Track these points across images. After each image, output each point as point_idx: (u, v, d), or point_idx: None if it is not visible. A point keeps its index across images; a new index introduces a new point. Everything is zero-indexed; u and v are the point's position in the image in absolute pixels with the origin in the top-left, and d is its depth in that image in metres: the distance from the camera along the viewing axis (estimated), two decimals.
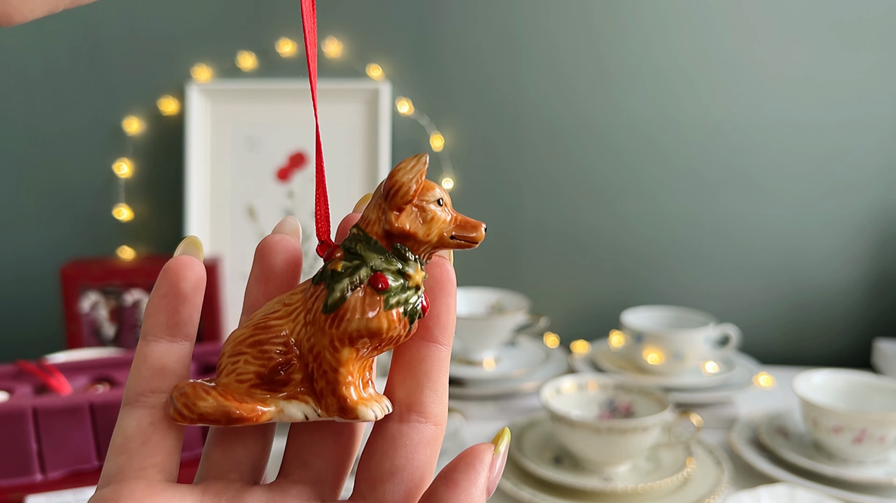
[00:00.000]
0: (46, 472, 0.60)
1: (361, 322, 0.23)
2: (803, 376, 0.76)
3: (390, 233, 0.24)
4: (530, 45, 0.99)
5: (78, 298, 0.92)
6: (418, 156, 0.24)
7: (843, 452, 0.71)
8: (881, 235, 1.01)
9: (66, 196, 1.04)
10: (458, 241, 0.25)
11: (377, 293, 0.24)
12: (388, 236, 0.24)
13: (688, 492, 0.68)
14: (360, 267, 0.24)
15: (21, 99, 1.02)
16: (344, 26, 1.00)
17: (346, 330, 0.23)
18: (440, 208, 0.25)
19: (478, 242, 0.25)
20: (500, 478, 0.26)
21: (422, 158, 0.24)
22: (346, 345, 0.24)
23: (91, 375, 0.68)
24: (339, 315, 0.23)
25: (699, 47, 0.98)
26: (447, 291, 0.25)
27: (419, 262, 0.25)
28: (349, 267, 0.24)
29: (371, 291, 0.24)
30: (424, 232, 0.24)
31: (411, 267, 0.24)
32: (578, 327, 1.04)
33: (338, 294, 0.24)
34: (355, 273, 0.24)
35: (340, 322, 0.23)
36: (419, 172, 0.24)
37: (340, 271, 0.24)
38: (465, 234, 0.25)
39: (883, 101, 0.97)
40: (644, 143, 1.01)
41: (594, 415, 0.75)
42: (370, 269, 0.24)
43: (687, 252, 1.03)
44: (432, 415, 0.25)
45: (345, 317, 0.23)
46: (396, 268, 0.24)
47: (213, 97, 1.00)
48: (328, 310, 0.23)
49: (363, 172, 1.00)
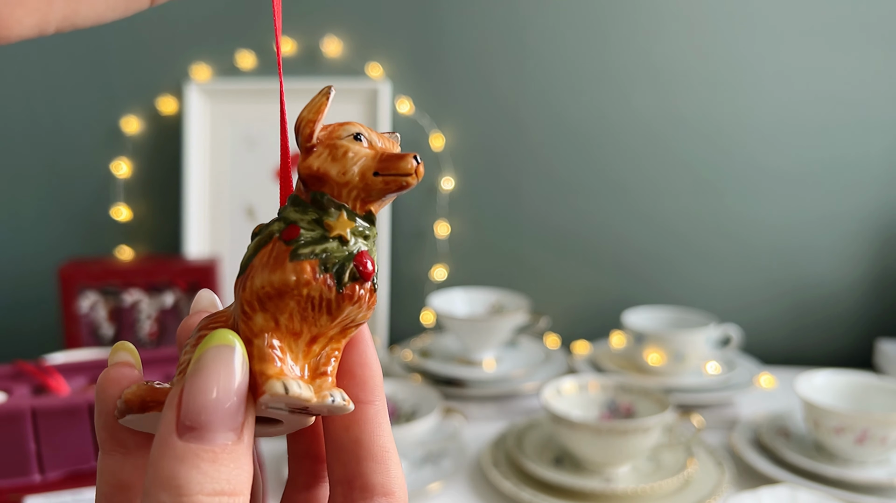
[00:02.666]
0: (45, 473, 0.60)
1: (264, 276, 0.21)
2: (804, 377, 0.76)
3: (302, 179, 0.22)
4: (531, 43, 0.99)
5: (76, 298, 0.91)
6: (322, 89, 0.22)
7: (844, 453, 0.71)
8: (883, 235, 1.00)
9: (65, 196, 1.04)
10: (385, 179, 0.21)
11: (285, 245, 0.21)
12: (305, 185, 0.22)
13: (689, 493, 0.68)
14: (273, 223, 0.22)
15: (19, 98, 1.02)
16: (343, 25, 1.00)
17: (252, 288, 0.21)
18: (356, 143, 0.22)
19: (410, 175, 0.22)
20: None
21: (323, 90, 0.22)
22: (258, 309, 0.21)
23: (90, 376, 0.68)
24: (247, 275, 0.21)
25: (701, 46, 0.98)
26: (356, 341, 0.23)
27: (345, 210, 0.22)
28: (264, 226, 0.22)
29: (280, 245, 0.21)
30: (338, 171, 0.21)
31: (332, 216, 0.21)
32: (579, 327, 1.04)
33: (248, 253, 0.21)
34: (267, 229, 0.22)
35: (246, 281, 0.21)
36: (319, 105, 0.22)
37: (257, 233, 0.22)
38: (392, 167, 0.21)
39: (886, 101, 0.97)
40: (646, 143, 1.01)
41: (595, 416, 0.75)
42: (283, 223, 0.21)
43: (688, 251, 1.03)
44: (378, 486, 0.22)
45: (250, 275, 0.21)
46: (311, 218, 0.21)
47: (211, 96, 1.00)
48: (239, 273, 0.21)
49: None
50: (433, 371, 0.89)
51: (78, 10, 0.20)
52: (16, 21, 0.18)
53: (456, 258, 1.04)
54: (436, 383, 0.89)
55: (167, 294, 0.93)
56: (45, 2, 0.19)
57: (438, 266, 1.04)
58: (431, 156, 1.02)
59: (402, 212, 1.03)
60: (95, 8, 0.21)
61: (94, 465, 0.61)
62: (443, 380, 0.89)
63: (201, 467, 0.18)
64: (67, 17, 0.20)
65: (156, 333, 0.94)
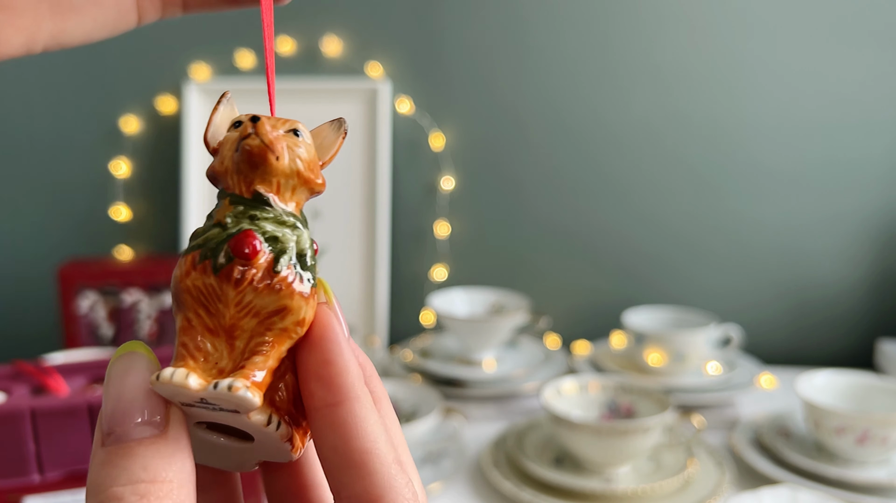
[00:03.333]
0: (44, 473, 0.60)
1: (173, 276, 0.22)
2: (805, 377, 0.76)
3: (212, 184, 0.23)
4: (532, 43, 0.99)
5: (76, 298, 0.91)
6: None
7: (845, 453, 0.70)
8: (884, 235, 1.00)
9: (64, 195, 1.04)
10: (239, 153, 0.22)
11: None
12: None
13: (689, 493, 0.68)
14: None
15: (18, 98, 1.01)
16: (343, 24, 1.00)
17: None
18: (233, 131, 0.22)
19: (248, 137, 0.22)
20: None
21: (222, 96, 0.23)
22: (175, 311, 0.21)
23: (89, 376, 0.68)
24: None
25: (702, 46, 0.98)
26: (314, 339, 0.22)
27: (229, 196, 0.22)
28: None
29: None
30: (218, 161, 0.23)
31: (218, 205, 0.22)
32: (580, 327, 1.04)
33: None
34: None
35: None
36: (212, 110, 0.23)
37: None
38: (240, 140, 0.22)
39: (887, 101, 0.97)
40: (646, 142, 1.01)
41: (595, 417, 0.75)
42: None
43: (689, 251, 1.03)
44: (362, 495, 0.20)
45: None
46: (208, 214, 0.22)
47: (211, 96, 1.00)
48: None
49: (362, 173, 1.00)
50: (433, 371, 0.89)
51: (65, 29, 0.20)
52: (4, 40, 0.18)
53: (456, 258, 1.04)
54: (436, 383, 0.88)
55: (166, 294, 0.93)
56: (34, 21, 0.19)
57: (438, 266, 1.04)
58: (431, 155, 1.02)
59: (403, 212, 1.03)
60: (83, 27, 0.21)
61: None
62: (443, 380, 0.89)
63: (116, 463, 0.19)
64: (55, 36, 0.20)
65: (155, 334, 0.93)
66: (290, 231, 0.22)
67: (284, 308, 0.21)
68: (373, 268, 1.00)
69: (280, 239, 0.22)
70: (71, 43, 0.20)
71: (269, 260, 0.21)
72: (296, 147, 0.23)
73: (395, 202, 1.02)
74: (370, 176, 0.99)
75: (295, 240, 0.22)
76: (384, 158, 0.98)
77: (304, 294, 0.22)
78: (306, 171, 0.23)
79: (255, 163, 0.22)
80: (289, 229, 0.22)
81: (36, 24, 0.19)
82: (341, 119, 0.24)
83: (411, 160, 1.02)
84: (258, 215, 0.22)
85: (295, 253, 0.22)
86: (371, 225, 1.00)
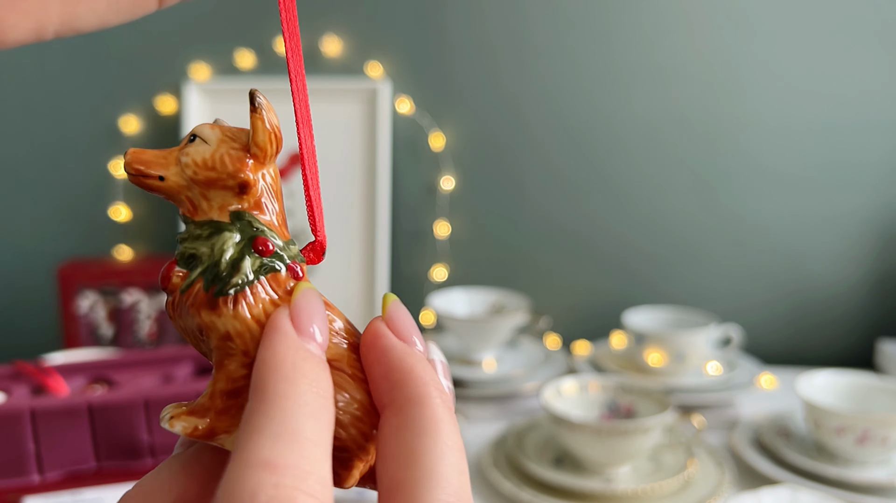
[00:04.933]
0: (44, 473, 0.60)
1: None
2: (805, 377, 0.76)
3: None
4: (532, 42, 0.99)
5: (75, 298, 0.91)
6: None
7: (845, 453, 0.70)
8: (885, 235, 1.00)
9: (64, 195, 1.04)
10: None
11: None
12: None
13: (689, 493, 0.68)
14: None
15: (17, 97, 1.01)
16: (343, 24, 1.00)
17: None
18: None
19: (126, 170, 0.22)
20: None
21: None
22: None
23: (89, 376, 0.68)
24: None
25: (703, 46, 0.98)
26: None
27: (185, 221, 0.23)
28: None
29: None
30: None
31: None
32: (580, 327, 1.04)
33: None
34: None
35: None
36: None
37: None
38: None
39: (887, 101, 0.97)
40: (647, 142, 1.01)
41: (595, 417, 0.75)
42: None
43: (689, 251, 1.03)
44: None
45: None
46: None
47: (211, 96, 1.00)
48: None
49: (362, 173, 1.00)
50: None
51: (76, 13, 0.19)
52: (10, 26, 0.18)
53: (456, 258, 1.04)
54: None
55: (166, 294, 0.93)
56: (40, 5, 0.18)
57: (438, 266, 1.04)
58: (431, 155, 1.02)
59: (403, 212, 1.03)
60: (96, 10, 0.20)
61: (92, 465, 0.61)
62: None
63: None
64: (66, 21, 0.19)
65: (155, 334, 0.93)
66: (205, 241, 0.21)
67: (200, 326, 0.21)
68: (373, 268, 1.00)
69: (196, 255, 0.22)
70: (85, 28, 0.20)
71: (181, 280, 0.22)
72: (183, 156, 0.22)
73: (395, 202, 1.02)
74: (370, 176, 0.99)
75: (209, 248, 0.21)
76: (384, 158, 0.98)
77: (215, 307, 0.21)
78: (201, 173, 0.22)
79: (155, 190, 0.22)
80: (204, 240, 0.22)
81: (43, 8, 0.18)
82: (251, 91, 0.23)
83: (411, 160, 1.02)
84: (180, 238, 0.22)
85: (208, 265, 0.21)
86: (371, 225, 1.00)
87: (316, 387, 0.19)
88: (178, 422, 0.21)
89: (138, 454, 0.61)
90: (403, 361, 0.21)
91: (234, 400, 0.21)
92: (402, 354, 0.21)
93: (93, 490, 0.59)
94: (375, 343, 0.22)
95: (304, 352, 0.20)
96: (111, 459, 0.61)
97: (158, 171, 0.22)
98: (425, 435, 0.20)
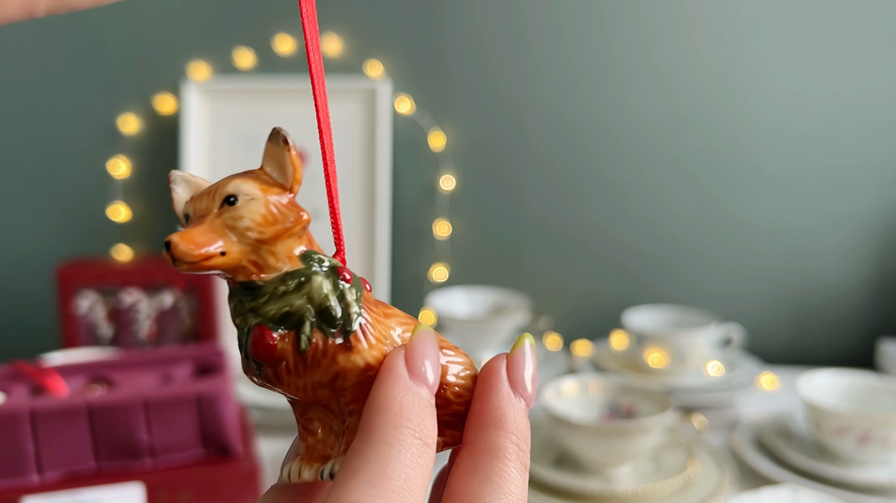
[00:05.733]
0: (43, 474, 0.60)
1: None
2: (806, 377, 0.76)
3: None
4: (532, 42, 0.99)
5: (75, 298, 0.91)
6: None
7: (846, 454, 0.70)
8: (886, 235, 1.00)
9: (62, 195, 1.04)
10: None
11: None
12: None
13: (690, 494, 0.67)
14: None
15: (16, 97, 1.01)
16: (342, 22, 1.00)
17: None
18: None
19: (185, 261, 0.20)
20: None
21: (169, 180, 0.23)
22: None
23: (88, 376, 0.68)
24: None
25: (703, 46, 0.98)
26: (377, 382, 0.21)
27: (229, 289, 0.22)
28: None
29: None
30: None
31: None
32: (581, 327, 1.04)
33: None
34: None
35: None
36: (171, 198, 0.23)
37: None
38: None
39: (888, 101, 0.97)
40: (647, 142, 1.00)
41: (596, 417, 0.75)
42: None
43: (690, 251, 1.02)
44: None
45: None
46: None
47: (210, 96, 0.99)
48: None
49: (362, 173, 0.99)
50: None
51: None
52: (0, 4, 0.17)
53: (456, 258, 1.04)
54: None
55: (166, 294, 0.93)
56: None
57: (438, 266, 1.04)
58: (431, 155, 1.02)
59: (403, 212, 1.03)
60: None
61: (91, 466, 0.61)
62: None
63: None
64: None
65: (155, 334, 0.93)
66: (295, 293, 0.21)
67: (337, 374, 0.21)
68: (373, 268, 0.99)
69: (292, 311, 0.21)
70: (78, 5, 0.19)
71: (292, 341, 0.21)
72: (237, 221, 0.21)
73: (395, 202, 1.02)
74: (370, 176, 0.99)
75: (305, 299, 0.21)
76: (384, 158, 0.98)
77: (349, 348, 0.21)
78: (268, 230, 0.21)
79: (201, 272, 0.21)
80: (294, 293, 0.21)
81: None
82: (276, 129, 0.22)
83: (411, 160, 1.02)
84: (257, 304, 0.21)
85: (313, 314, 0.21)
86: (371, 225, 0.99)
87: (419, 433, 0.20)
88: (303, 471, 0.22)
89: (137, 454, 0.61)
90: (499, 408, 0.22)
91: None
92: (500, 401, 0.22)
93: (92, 490, 0.59)
94: (486, 380, 0.23)
95: (413, 396, 0.20)
96: (110, 460, 0.61)
97: (218, 246, 0.20)
98: (490, 485, 0.20)
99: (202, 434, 0.61)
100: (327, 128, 0.23)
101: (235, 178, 0.21)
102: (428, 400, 0.21)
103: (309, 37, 0.23)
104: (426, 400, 0.20)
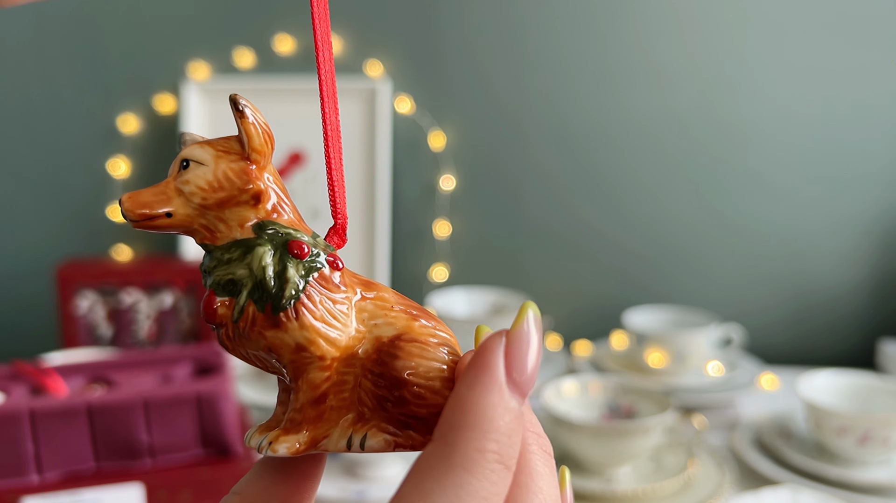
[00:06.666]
0: (43, 474, 0.60)
1: None
2: (806, 377, 0.75)
3: None
4: (532, 41, 0.99)
5: (74, 298, 0.91)
6: None
7: (846, 454, 0.70)
8: (886, 236, 1.00)
9: (62, 195, 1.04)
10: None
11: None
12: None
13: (690, 494, 0.67)
14: None
15: (16, 97, 1.01)
16: (343, 23, 1.00)
17: None
18: None
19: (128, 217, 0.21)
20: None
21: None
22: None
23: (88, 376, 0.68)
24: None
25: (702, 46, 0.98)
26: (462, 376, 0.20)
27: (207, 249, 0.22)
28: None
29: None
30: None
31: None
32: (580, 327, 1.04)
33: None
34: None
35: None
36: None
37: None
38: None
39: (889, 100, 0.97)
40: (647, 142, 1.00)
41: (596, 417, 0.74)
42: None
43: (690, 251, 1.02)
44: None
45: None
46: None
47: (209, 95, 0.99)
48: None
49: (362, 173, 0.99)
50: None
51: None
52: None
53: (456, 258, 1.04)
54: None
55: (166, 294, 0.93)
56: None
57: (438, 266, 1.04)
58: (431, 155, 1.02)
59: (403, 212, 1.03)
60: None
61: (91, 466, 0.61)
62: None
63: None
64: None
65: (154, 334, 0.93)
66: (239, 262, 0.21)
67: (268, 347, 0.21)
68: (372, 268, 0.99)
69: (235, 279, 0.21)
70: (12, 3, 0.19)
71: (231, 309, 0.21)
72: (184, 185, 0.21)
73: (395, 202, 1.02)
74: (370, 175, 0.99)
75: (247, 269, 0.21)
76: (384, 158, 0.98)
77: (278, 324, 0.20)
78: (211, 196, 0.21)
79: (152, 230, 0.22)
80: (237, 262, 0.21)
81: None
82: (231, 96, 0.21)
83: (411, 160, 1.02)
84: (208, 268, 0.21)
85: (253, 285, 0.21)
86: (371, 225, 0.99)
87: (504, 458, 0.18)
88: (280, 444, 0.21)
89: (137, 454, 0.61)
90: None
91: (322, 404, 0.21)
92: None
93: (92, 490, 0.58)
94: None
95: (506, 413, 0.18)
96: (110, 460, 0.61)
97: (163, 207, 0.21)
98: (519, 487, 0.19)
99: (202, 434, 0.61)
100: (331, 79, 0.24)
101: (195, 144, 0.22)
102: (520, 414, 0.18)
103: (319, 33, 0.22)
104: (520, 416, 0.18)
